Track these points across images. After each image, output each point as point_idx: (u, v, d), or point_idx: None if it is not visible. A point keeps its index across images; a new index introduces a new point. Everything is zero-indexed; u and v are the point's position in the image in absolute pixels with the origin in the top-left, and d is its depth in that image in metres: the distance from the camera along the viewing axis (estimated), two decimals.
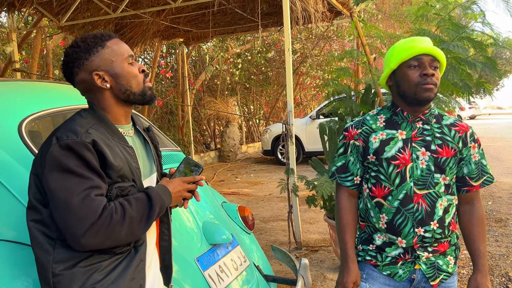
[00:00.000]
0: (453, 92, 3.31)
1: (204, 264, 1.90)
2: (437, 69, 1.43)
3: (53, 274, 1.18)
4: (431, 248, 1.47)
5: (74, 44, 1.28)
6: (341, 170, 1.58)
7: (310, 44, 12.68)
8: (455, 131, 1.48)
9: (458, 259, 1.56)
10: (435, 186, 1.45)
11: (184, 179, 1.36)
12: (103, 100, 1.29)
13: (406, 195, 1.44)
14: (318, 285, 3.36)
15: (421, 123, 1.48)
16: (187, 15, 6.35)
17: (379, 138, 1.49)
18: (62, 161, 1.14)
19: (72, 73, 1.27)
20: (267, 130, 10.29)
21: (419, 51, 1.41)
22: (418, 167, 1.45)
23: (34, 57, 6.93)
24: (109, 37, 1.30)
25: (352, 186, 1.57)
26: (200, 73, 11.54)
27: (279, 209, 5.88)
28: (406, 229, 1.45)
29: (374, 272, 1.53)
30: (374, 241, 1.53)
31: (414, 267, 1.48)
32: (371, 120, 1.55)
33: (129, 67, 1.29)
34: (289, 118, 4.14)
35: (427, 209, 1.44)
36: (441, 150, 1.45)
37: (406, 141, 1.46)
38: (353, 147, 1.55)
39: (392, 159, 1.46)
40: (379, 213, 1.49)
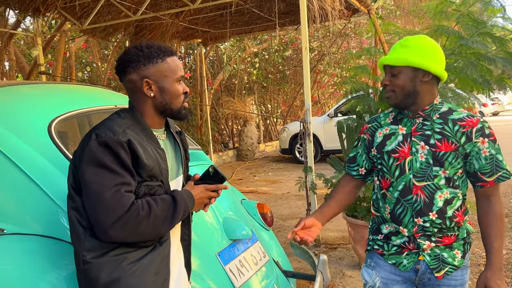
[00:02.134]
0: (473, 88, 3.28)
1: (225, 259, 1.96)
2: (398, 74, 1.51)
3: (83, 261, 1.26)
4: (435, 238, 1.51)
5: (139, 46, 1.36)
6: (350, 160, 1.73)
7: (327, 42, 12.62)
8: (459, 126, 1.49)
9: (467, 254, 1.56)
10: (434, 179, 1.49)
11: (208, 187, 1.44)
12: (143, 105, 1.37)
13: (405, 186, 1.52)
14: (337, 282, 3.38)
15: (421, 119, 1.54)
16: (205, 16, 6.43)
17: (383, 133, 1.60)
18: (99, 156, 1.22)
19: (125, 71, 1.35)
20: (285, 128, 10.30)
21: (380, 65, 1.57)
22: (417, 160, 1.50)
23: (58, 60, 7.13)
24: (171, 53, 1.39)
25: (357, 176, 1.70)
26: (218, 73, 11.63)
27: (297, 207, 5.90)
28: (406, 218, 1.52)
29: (381, 261, 1.61)
30: (382, 231, 1.61)
31: (418, 258, 1.52)
32: (383, 116, 1.65)
33: (176, 85, 1.39)
34: (307, 117, 4.17)
35: (426, 200, 1.49)
36: (440, 144, 1.49)
37: (406, 136, 1.54)
38: (362, 140, 1.68)
39: (392, 152, 1.55)
40: (384, 203, 1.58)
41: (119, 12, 5.69)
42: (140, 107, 1.38)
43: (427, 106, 1.53)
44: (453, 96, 3.33)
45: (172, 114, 1.41)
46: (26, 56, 8.74)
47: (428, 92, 1.52)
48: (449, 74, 3.36)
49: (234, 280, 1.92)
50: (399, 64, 1.49)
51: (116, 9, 5.63)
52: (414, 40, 1.51)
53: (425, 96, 1.52)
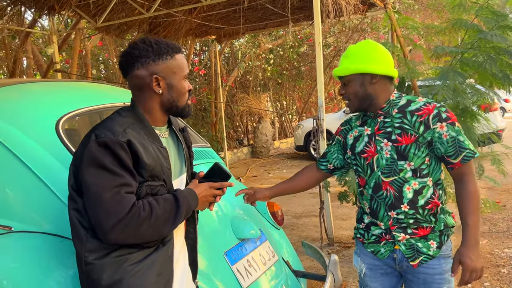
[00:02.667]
0: (492, 84, 3.17)
1: (232, 259, 1.93)
2: (349, 82, 1.62)
3: (85, 262, 1.24)
4: (410, 230, 1.60)
5: (147, 41, 1.33)
6: (323, 155, 1.87)
7: (343, 37, 12.46)
8: (416, 116, 1.56)
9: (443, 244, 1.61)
10: (400, 173, 1.57)
11: (212, 185, 1.41)
12: (149, 102, 1.35)
13: (376, 183, 1.62)
14: (350, 282, 3.32)
15: (382, 117, 1.62)
16: (218, 13, 6.40)
17: (353, 135, 1.71)
18: (98, 157, 1.20)
19: (133, 66, 1.32)
20: (300, 125, 10.22)
21: (334, 75, 1.67)
22: (383, 157, 1.60)
23: (73, 58, 7.21)
24: (179, 50, 1.38)
25: (325, 170, 1.85)
26: (232, 69, 11.61)
27: (311, 205, 5.84)
28: (381, 213, 1.63)
29: (363, 249, 1.74)
30: (364, 220, 1.73)
31: (394, 247, 1.63)
32: (354, 119, 1.75)
33: (184, 83, 1.37)
34: (320, 113, 4.10)
35: (395, 194, 1.58)
36: (400, 138, 1.57)
37: (371, 136, 1.64)
38: (336, 140, 1.80)
39: (361, 153, 1.66)
40: (362, 200, 1.71)
41: (132, 10, 5.71)
42: (145, 104, 1.35)
43: (384, 104, 1.61)
44: (472, 92, 3.23)
45: (177, 111, 1.39)
46: (44, 55, 8.87)
47: (381, 91, 1.60)
48: (467, 69, 3.25)
49: (241, 280, 1.89)
50: (346, 74, 1.61)
51: (129, 7, 5.65)
52: (355, 48, 1.61)
53: (379, 96, 1.60)
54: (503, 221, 4.56)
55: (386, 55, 1.62)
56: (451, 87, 2.95)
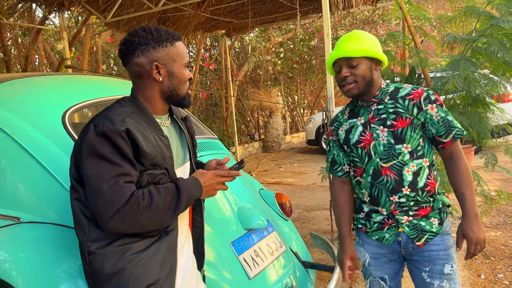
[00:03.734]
0: (506, 72, 3.09)
1: (239, 248, 1.93)
2: (356, 66, 1.59)
3: (88, 252, 1.25)
4: (412, 212, 1.63)
5: (147, 29, 1.32)
6: (331, 163, 1.81)
7: (355, 29, 12.32)
8: (408, 100, 1.62)
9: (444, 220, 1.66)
10: (398, 156, 1.60)
11: (218, 173, 1.39)
12: (149, 90, 1.34)
13: (375, 170, 1.64)
14: (361, 274, 3.29)
15: (375, 105, 1.65)
16: (226, 6, 6.38)
17: (344, 129, 1.72)
18: (97, 147, 1.19)
19: (133, 54, 1.31)
20: (311, 119, 10.16)
21: (333, 59, 1.63)
22: (380, 143, 1.62)
23: (84, 54, 7.28)
24: (179, 38, 1.37)
25: (344, 175, 1.79)
26: (242, 64, 11.58)
27: (322, 199, 5.81)
28: (383, 199, 1.64)
29: (366, 238, 1.75)
30: (363, 209, 1.74)
31: (398, 230, 1.65)
32: (340, 115, 1.77)
33: (184, 71, 1.36)
34: (330, 105, 4.06)
35: (396, 178, 1.61)
36: (396, 123, 1.61)
37: (365, 125, 1.66)
38: (333, 142, 1.79)
39: (357, 143, 1.67)
40: (360, 189, 1.71)
41: (141, 5, 5.73)
42: (145, 92, 1.34)
43: (377, 91, 1.65)
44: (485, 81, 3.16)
45: (177, 100, 1.38)
46: (55, 52, 8.97)
47: (378, 78, 1.64)
48: (480, 58, 3.18)
49: (248, 270, 1.89)
50: (358, 55, 1.58)
51: (138, 2, 5.67)
52: (360, 33, 1.62)
53: (376, 83, 1.64)
54: (508, 205, 4.48)
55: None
56: (462, 76, 2.89)
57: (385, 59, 1.64)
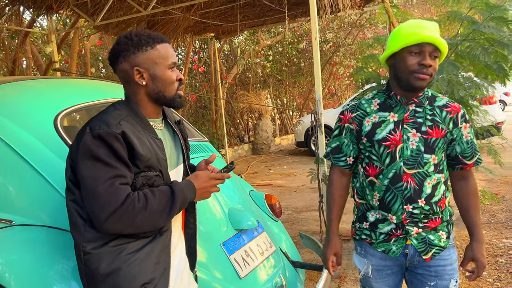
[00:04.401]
0: (488, 75, 3.18)
1: (229, 249, 1.96)
2: (436, 58, 1.46)
3: (83, 252, 1.28)
4: (422, 224, 1.54)
5: (128, 35, 1.36)
6: (335, 151, 1.67)
7: (343, 33, 12.46)
8: (446, 112, 1.54)
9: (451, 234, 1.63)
10: (424, 166, 1.51)
11: (212, 176, 1.42)
12: (137, 94, 1.37)
13: (396, 174, 1.52)
14: (349, 274, 3.35)
15: (414, 106, 1.54)
16: (216, 9, 6.42)
17: (371, 121, 1.57)
18: (93, 149, 1.22)
19: (117, 61, 1.36)
20: (300, 121, 10.24)
21: (423, 39, 1.41)
22: (408, 147, 1.51)
23: (72, 57, 7.24)
24: (161, 40, 1.38)
25: (345, 166, 1.66)
26: (232, 67, 11.62)
27: (311, 200, 5.87)
28: (396, 206, 1.53)
29: (370, 249, 1.63)
30: (368, 218, 1.61)
31: (406, 243, 1.56)
32: (366, 103, 1.61)
33: (168, 72, 1.37)
34: (318, 108, 4.13)
35: (415, 187, 1.51)
36: (431, 131, 1.51)
37: (398, 123, 1.53)
38: (347, 130, 1.63)
39: (383, 141, 1.53)
40: (372, 190, 1.57)
41: (130, 8, 5.73)
42: (134, 97, 1.38)
43: (421, 93, 1.54)
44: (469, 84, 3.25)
45: (166, 102, 1.39)
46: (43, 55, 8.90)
47: None
48: (463, 61, 3.27)
49: (239, 270, 1.92)
50: (443, 49, 1.45)
51: (127, 5, 5.68)
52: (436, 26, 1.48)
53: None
54: (502, 212, 4.59)
55: None
56: (446, 79, 2.97)
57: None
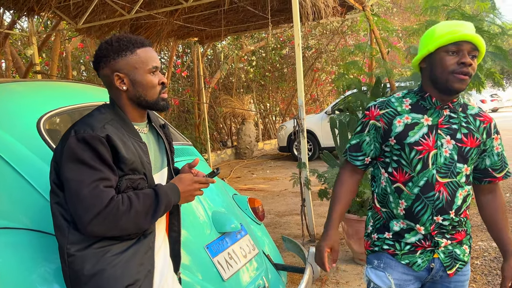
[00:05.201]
0: None
1: (213, 251, 1.98)
2: (475, 58, 1.36)
3: (67, 254, 1.28)
4: (449, 235, 1.46)
5: (109, 41, 1.38)
6: (354, 148, 1.55)
7: (325, 40, 12.64)
8: (480, 122, 1.46)
9: (471, 248, 1.59)
10: (457, 176, 1.42)
11: (196, 179, 1.44)
12: (120, 99, 1.39)
13: (427, 182, 1.41)
14: (331, 276, 3.40)
15: (448, 111, 1.44)
16: (199, 14, 6.45)
17: (403, 122, 1.44)
18: (77, 152, 1.23)
19: (99, 66, 1.38)
20: (283, 126, 10.33)
21: (461, 38, 1.32)
22: (442, 154, 1.41)
23: (53, 59, 7.15)
24: (142, 45, 1.38)
25: (361, 166, 1.55)
26: (215, 71, 11.65)
27: (294, 204, 5.93)
28: (425, 216, 1.42)
29: (392, 261, 1.49)
30: (391, 228, 1.49)
31: (433, 256, 1.46)
32: (396, 102, 1.49)
33: (149, 77, 1.37)
34: (300, 113, 4.19)
35: (448, 198, 1.41)
36: (466, 139, 1.43)
37: (432, 128, 1.42)
38: (372, 127, 1.50)
39: (415, 145, 1.41)
40: (398, 198, 1.45)
41: (113, 11, 5.71)
42: (118, 101, 1.39)
43: (455, 98, 1.44)
44: None
45: (149, 105, 1.40)
46: (23, 57, 8.75)
47: None
48: None
49: (222, 272, 1.95)
50: (482, 49, 1.36)
51: (110, 8, 5.65)
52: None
53: None
54: (478, 215, 4.73)
55: None
56: None
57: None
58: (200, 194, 1.48)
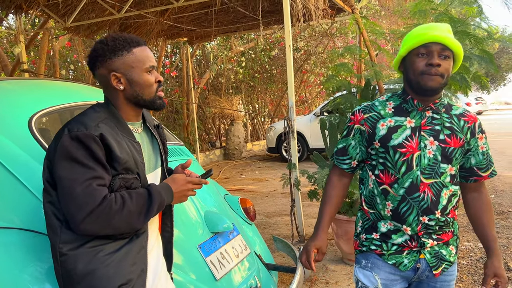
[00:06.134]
0: (451, 86, 3.36)
1: (206, 251, 1.99)
2: (448, 58, 1.39)
3: (60, 253, 1.28)
4: (435, 235, 1.48)
5: (104, 40, 1.37)
6: (340, 152, 1.59)
7: (313, 41, 12.72)
8: (464, 122, 1.49)
9: (458, 249, 1.60)
10: (441, 176, 1.44)
11: (189, 179, 1.44)
12: (116, 99, 1.38)
13: (412, 183, 1.44)
14: (320, 276, 3.43)
15: (430, 112, 1.47)
16: (190, 15, 6.44)
17: (387, 125, 1.48)
18: (71, 151, 1.23)
19: (95, 66, 1.37)
20: (272, 127, 10.36)
21: (428, 39, 1.37)
22: (426, 156, 1.44)
23: (41, 58, 7.06)
24: (138, 44, 1.38)
25: (348, 169, 1.59)
26: (204, 72, 11.63)
27: (283, 204, 5.95)
28: (411, 217, 1.45)
29: (379, 261, 1.53)
30: (379, 229, 1.52)
31: (419, 257, 1.49)
32: (379, 106, 1.53)
33: (146, 75, 1.37)
34: (291, 114, 4.22)
35: (433, 198, 1.44)
36: (449, 140, 1.45)
37: (415, 130, 1.45)
38: (357, 131, 1.54)
39: (399, 147, 1.45)
40: (384, 200, 1.48)
41: (103, 10, 5.67)
42: (114, 101, 1.39)
43: (438, 99, 1.47)
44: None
45: (146, 104, 1.40)
46: (9, 55, 8.62)
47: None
48: None
49: (215, 272, 1.95)
50: (454, 48, 1.38)
51: (100, 7, 5.61)
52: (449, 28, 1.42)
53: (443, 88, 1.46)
54: (464, 216, 4.81)
55: None
56: None
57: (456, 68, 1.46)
58: (193, 194, 1.48)
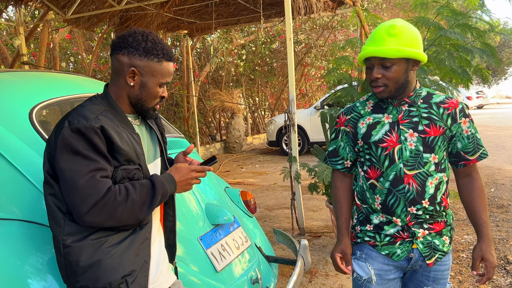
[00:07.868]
0: (452, 79, 3.35)
1: (206, 243, 2.00)
2: (391, 66, 1.44)
3: (63, 245, 1.28)
4: (427, 225, 1.52)
5: (145, 37, 1.36)
6: (332, 154, 1.67)
7: (314, 34, 12.67)
8: (443, 109, 1.51)
9: (452, 239, 1.61)
10: (425, 166, 1.48)
11: (193, 168, 1.44)
12: (120, 89, 1.38)
13: (396, 176, 1.49)
14: (320, 269, 3.45)
15: (406, 106, 1.52)
16: (190, 7, 6.40)
17: (366, 123, 1.55)
18: (72, 143, 1.23)
19: (120, 50, 1.35)
20: (272, 121, 10.35)
21: (366, 54, 1.46)
22: (407, 148, 1.48)
23: (41, 50, 7.03)
24: (170, 59, 1.40)
25: (343, 169, 1.66)
26: (205, 65, 11.59)
27: (283, 198, 5.97)
28: (399, 209, 1.50)
29: (373, 252, 1.58)
30: (372, 221, 1.58)
31: (412, 247, 1.53)
32: (360, 106, 1.60)
33: (158, 88, 1.39)
34: (291, 107, 4.21)
35: (418, 188, 1.48)
36: (428, 129, 1.49)
37: (393, 124, 1.51)
38: (343, 133, 1.62)
39: (380, 142, 1.51)
40: (373, 194, 1.55)
41: (103, 2, 5.63)
42: (116, 90, 1.39)
43: (412, 92, 1.52)
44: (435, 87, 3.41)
45: (141, 110, 1.42)
46: (9, 47, 8.59)
47: (413, 79, 1.51)
48: (430, 65, 3.43)
49: (215, 263, 1.96)
50: (394, 57, 1.42)
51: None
52: (403, 29, 1.44)
53: (412, 83, 1.50)
54: (463, 210, 4.83)
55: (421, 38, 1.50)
56: None
57: (425, 57, 1.47)
58: (197, 182, 1.48)
